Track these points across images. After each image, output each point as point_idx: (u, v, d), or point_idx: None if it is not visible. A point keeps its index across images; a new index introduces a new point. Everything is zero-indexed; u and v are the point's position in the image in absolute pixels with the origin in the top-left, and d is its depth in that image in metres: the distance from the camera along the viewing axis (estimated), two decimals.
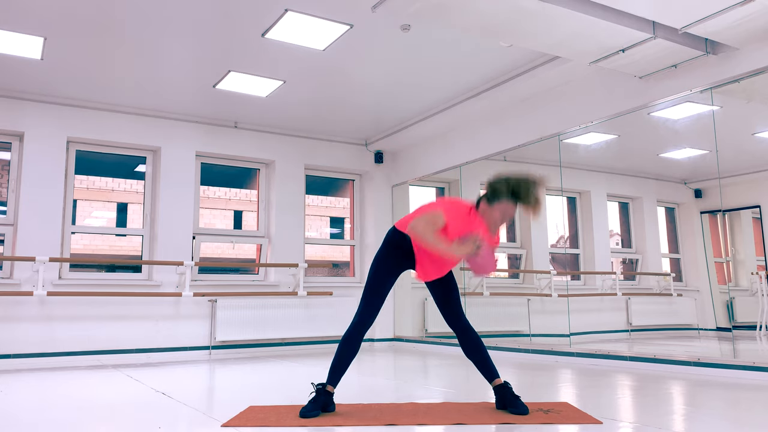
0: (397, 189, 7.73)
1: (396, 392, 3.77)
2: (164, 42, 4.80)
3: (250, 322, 6.41)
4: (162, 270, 6.25)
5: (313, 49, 4.92)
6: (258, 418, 2.87)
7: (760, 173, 5.74)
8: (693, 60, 4.44)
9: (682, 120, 5.39)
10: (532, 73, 5.29)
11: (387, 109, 6.52)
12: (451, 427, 2.69)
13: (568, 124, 5.49)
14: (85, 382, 4.45)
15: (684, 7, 3.75)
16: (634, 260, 7.09)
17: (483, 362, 3.03)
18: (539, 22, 3.93)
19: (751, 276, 6.04)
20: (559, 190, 6.12)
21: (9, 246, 5.79)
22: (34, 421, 2.98)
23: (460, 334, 3.07)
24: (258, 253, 7.20)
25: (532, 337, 6.49)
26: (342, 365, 3.00)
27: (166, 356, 6.06)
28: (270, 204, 7.12)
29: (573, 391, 3.72)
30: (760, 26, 3.94)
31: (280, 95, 5.99)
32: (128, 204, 14.18)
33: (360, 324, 3.00)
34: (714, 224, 6.49)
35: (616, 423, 2.71)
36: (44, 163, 5.87)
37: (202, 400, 3.56)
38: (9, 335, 5.46)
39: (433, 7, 3.75)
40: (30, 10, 4.25)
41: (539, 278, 6.76)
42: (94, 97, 6.02)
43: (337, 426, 2.73)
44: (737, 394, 3.47)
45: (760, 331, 5.77)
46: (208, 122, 6.72)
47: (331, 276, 9.45)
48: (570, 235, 6.96)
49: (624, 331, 6.62)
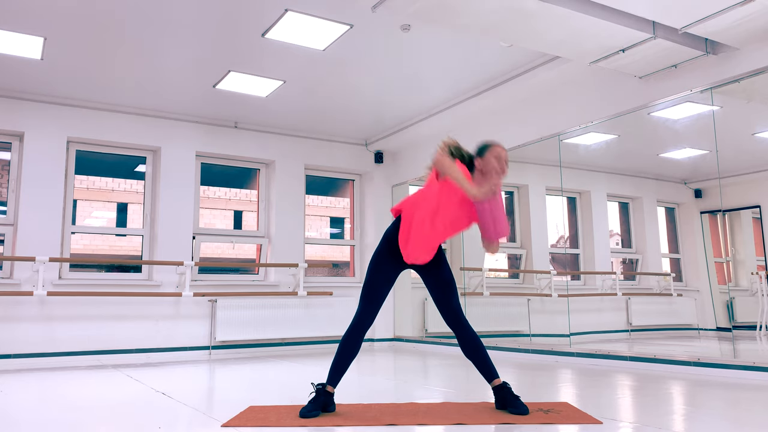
0: (397, 189, 7.73)
1: (396, 392, 3.77)
2: (164, 42, 4.81)
3: (250, 322, 6.41)
4: (162, 270, 6.25)
5: (313, 49, 4.92)
6: (258, 418, 2.87)
7: (760, 173, 5.74)
8: (693, 60, 4.44)
9: (682, 120, 5.39)
10: (532, 73, 5.29)
11: (387, 109, 6.52)
12: (451, 427, 2.68)
13: (568, 124, 5.49)
14: (85, 382, 4.45)
15: (684, 7, 3.75)
16: (634, 260, 7.09)
17: (482, 362, 3.03)
18: (539, 22, 3.93)
19: (751, 276, 6.04)
20: (559, 190, 6.12)
21: (9, 246, 5.79)
22: (34, 421, 2.98)
23: (458, 334, 3.06)
24: (258, 253, 7.20)
25: (532, 337, 6.50)
26: (342, 365, 3.00)
27: (166, 356, 6.06)
28: (270, 204, 7.12)
29: (573, 391, 3.72)
30: (760, 26, 3.94)
31: (280, 95, 5.99)
32: (128, 204, 14.18)
33: (359, 323, 3.00)
34: (714, 224, 6.49)
35: (616, 423, 2.71)
36: (44, 163, 5.87)
37: (202, 400, 3.56)
38: (9, 335, 5.46)
39: (433, 7, 3.75)
40: (30, 10, 4.25)
41: (539, 278, 6.76)
42: (94, 97, 6.02)
43: (337, 426, 2.73)
44: (737, 394, 3.47)
45: (760, 331, 5.77)
46: (208, 122, 6.72)
47: (331, 276, 9.45)
48: (570, 235, 6.96)
49: (624, 331, 6.62)
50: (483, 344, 3.07)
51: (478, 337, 3.06)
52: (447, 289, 3.08)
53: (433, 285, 3.10)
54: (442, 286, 3.08)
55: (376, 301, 3.02)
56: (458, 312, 3.07)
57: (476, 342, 3.04)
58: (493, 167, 3.00)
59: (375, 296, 3.02)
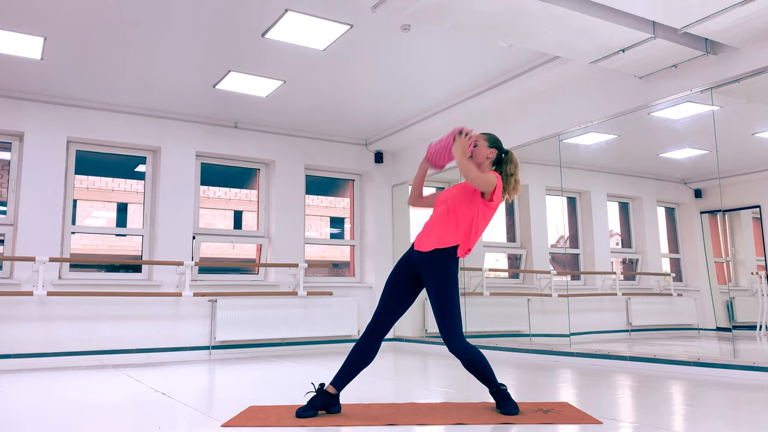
0: (397, 189, 7.73)
1: (396, 392, 3.77)
2: (164, 42, 4.81)
3: (250, 322, 6.41)
4: (162, 270, 6.25)
5: (313, 49, 4.92)
6: (258, 418, 2.87)
7: (760, 173, 5.73)
8: (693, 60, 4.45)
9: (682, 120, 5.39)
10: (532, 73, 5.29)
11: (387, 109, 6.52)
12: (451, 427, 2.69)
13: (568, 124, 5.49)
14: (85, 382, 4.45)
15: (684, 7, 3.75)
16: (634, 260, 7.09)
17: (480, 377, 2.96)
18: (539, 22, 3.93)
19: (751, 276, 6.04)
20: (559, 190, 6.12)
21: (9, 246, 5.79)
22: (34, 421, 2.98)
23: (454, 354, 2.95)
24: (258, 253, 7.20)
25: (532, 337, 6.49)
26: (349, 371, 2.98)
27: (166, 356, 6.06)
28: (270, 204, 7.12)
29: (573, 391, 3.72)
30: (760, 26, 3.94)
31: (280, 95, 5.99)
32: (128, 204, 14.17)
33: (367, 330, 3.01)
34: (714, 224, 6.49)
35: (616, 423, 2.71)
36: (44, 163, 5.87)
37: (202, 400, 3.56)
38: (9, 335, 5.46)
39: (433, 7, 3.75)
40: (30, 10, 4.25)
41: (539, 278, 6.76)
42: (94, 97, 6.02)
43: (337, 426, 2.73)
44: (737, 394, 3.47)
45: (760, 331, 5.77)
46: (208, 122, 6.72)
47: (331, 276, 9.44)
48: (570, 235, 6.96)
49: (624, 331, 6.62)
50: (479, 358, 2.93)
51: (472, 353, 2.92)
52: (434, 309, 2.97)
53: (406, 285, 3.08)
54: (431, 302, 3.01)
55: (383, 307, 3.06)
56: (443, 337, 2.92)
57: (471, 360, 2.92)
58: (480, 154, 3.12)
59: (381, 301, 3.09)
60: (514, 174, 3.11)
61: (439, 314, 2.91)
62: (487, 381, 2.96)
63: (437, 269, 2.94)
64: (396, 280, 3.07)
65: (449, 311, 2.90)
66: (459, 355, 2.91)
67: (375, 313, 3.05)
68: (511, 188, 3.10)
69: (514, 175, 3.11)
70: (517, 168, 3.13)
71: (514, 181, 3.10)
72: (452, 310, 2.90)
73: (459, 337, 2.89)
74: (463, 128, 3.04)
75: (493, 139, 3.16)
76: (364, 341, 2.99)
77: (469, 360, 2.92)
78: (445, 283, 2.92)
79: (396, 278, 3.07)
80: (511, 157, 3.14)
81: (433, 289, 2.95)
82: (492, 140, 3.15)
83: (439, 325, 2.93)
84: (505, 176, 3.09)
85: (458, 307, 2.92)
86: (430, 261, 2.96)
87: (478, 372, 2.95)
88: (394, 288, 3.05)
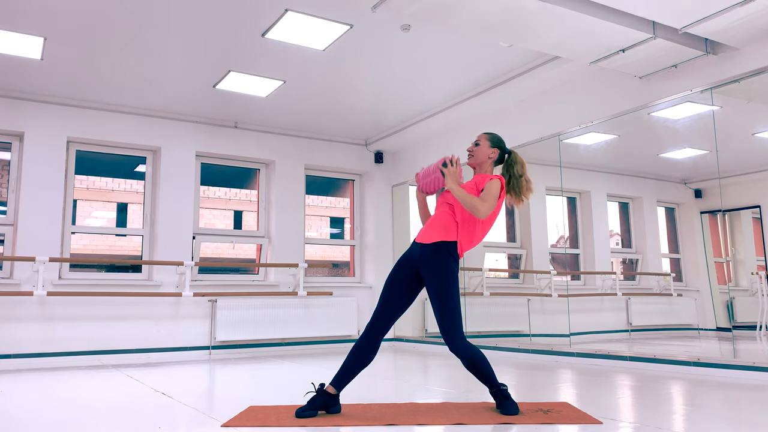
0: (397, 189, 7.73)
1: (396, 392, 3.77)
2: (164, 42, 4.81)
3: (250, 322, 6.41)
4: (162, 270, 6.25)
5: (313, 49, 4.92)
6: (258, 418, 2.87)
7: (760, 173, 5.73)
8: (693, 60, 4.44)
9: (682, 120, 5.39)
10: (532, 73, 5.29)
11: (387, 109, 6.52)
12: (451, 427, 2.68)
13: (568, 124, 5.49)
14: (85, 382, 4.45)
15: (684, 7, 3.75)
16: (634, 260, 7.08)
17: (481, 377, 2.96)
18: (539, 22, 3.93)
19: (751, 276, 6.04)
20: (559, 190, 6.12)
21: (9, 246, 5.79)
22: (34, 421, 2.98)
23: (455, 353, 2.95)
24: (258, 253, 7.20)
25: (532, 337, 6.49)
26: (349, 371, 2.97)
27: (166, 356, 6.06)
28: (270, 204, 7.12)
29: (573, 391, 3.72)
30: (760, 26, 3.94)
31: (280, 95, 5.99)
32: (128, 204, 14.17)
33: (367, 329, 3.00)
34: (714, 224, 6.49)
35: (616, 423, 2.71)
36: (44, 163, 5.87)
37: (202, 400, 3.56)
38: (9, 335, 5.46)
39: (433, 7, 3.75)
40: (30, 10, 4.25)
41: (539, 278, 6.76)
42: (94, 97, 6.02)
43: (337, 426, 2.73)
44: (737, 394, 3.47)
45: (760, 331, 5.77)
46: (208, 122, 6.72)
47: (331, 276, 9.44)
48: (570, 235, 6.96)
49: (624, 331, 6.62)
50: (480, 358, 2.92)
51: (473, 352, 2.90)
52: (434, 308, 2.95)
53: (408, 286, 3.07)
54: (431, 301, 3.00)
55: (380, 307, 3.05)
56: (444, 336, 2.90)
57: (472, 360, 2.92)
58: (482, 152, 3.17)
59: (380, 303, 3.08)
60: (523, 174, 3.09)
61: (440, 313, 2.91)
62: (487, 381, 2.96)
63: (438, 267, 2.92)
64: (396, 279, 3.06)
65: (450, 310, 2.89)
66: (459, 355, 2.91)
67: (374, 312, 3.04)
68: (525, 189, 3.07)
69: (524, 175, 3.09)
70: (525, 167, 3.11)
71: (525, 181, 3.08)
72: (453, 309, 2.89)
73: (460, 337, 2.89)
74: (446, 158, 3.05)
75: (495, 138, 3.15)
76: (364, 341, 2.98)
77: (469, 360, 2.92)
78: (446, 282, 2.91)
79: (396, 277, 3.06)
80: (516, 158, 3.13)
81: (433, 287, 2.94)
82: (494, 140, 3.14)
83: (440, 324, 2.92)
84: (515, 179, 3.07)
85: (459, 306, 2.92)
86: (432, 255, 2.94)
87: (479, 372, 2.94)
88: (394, 287, 3.04)
